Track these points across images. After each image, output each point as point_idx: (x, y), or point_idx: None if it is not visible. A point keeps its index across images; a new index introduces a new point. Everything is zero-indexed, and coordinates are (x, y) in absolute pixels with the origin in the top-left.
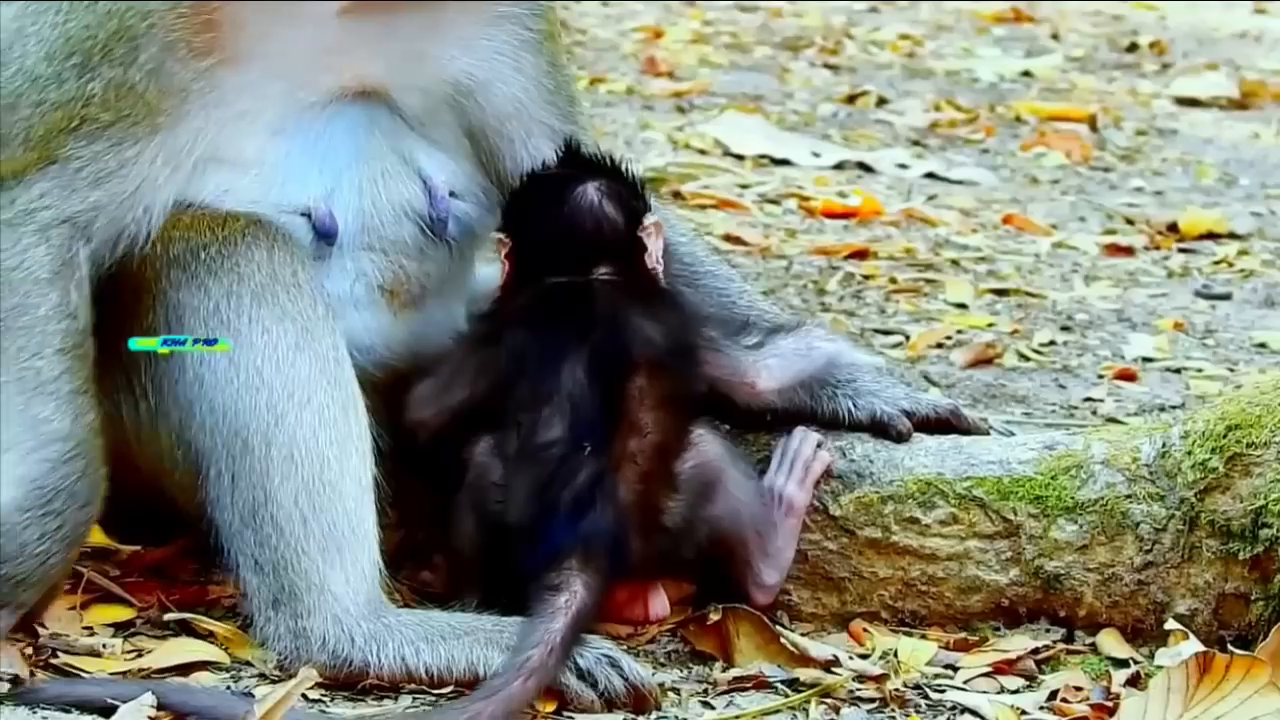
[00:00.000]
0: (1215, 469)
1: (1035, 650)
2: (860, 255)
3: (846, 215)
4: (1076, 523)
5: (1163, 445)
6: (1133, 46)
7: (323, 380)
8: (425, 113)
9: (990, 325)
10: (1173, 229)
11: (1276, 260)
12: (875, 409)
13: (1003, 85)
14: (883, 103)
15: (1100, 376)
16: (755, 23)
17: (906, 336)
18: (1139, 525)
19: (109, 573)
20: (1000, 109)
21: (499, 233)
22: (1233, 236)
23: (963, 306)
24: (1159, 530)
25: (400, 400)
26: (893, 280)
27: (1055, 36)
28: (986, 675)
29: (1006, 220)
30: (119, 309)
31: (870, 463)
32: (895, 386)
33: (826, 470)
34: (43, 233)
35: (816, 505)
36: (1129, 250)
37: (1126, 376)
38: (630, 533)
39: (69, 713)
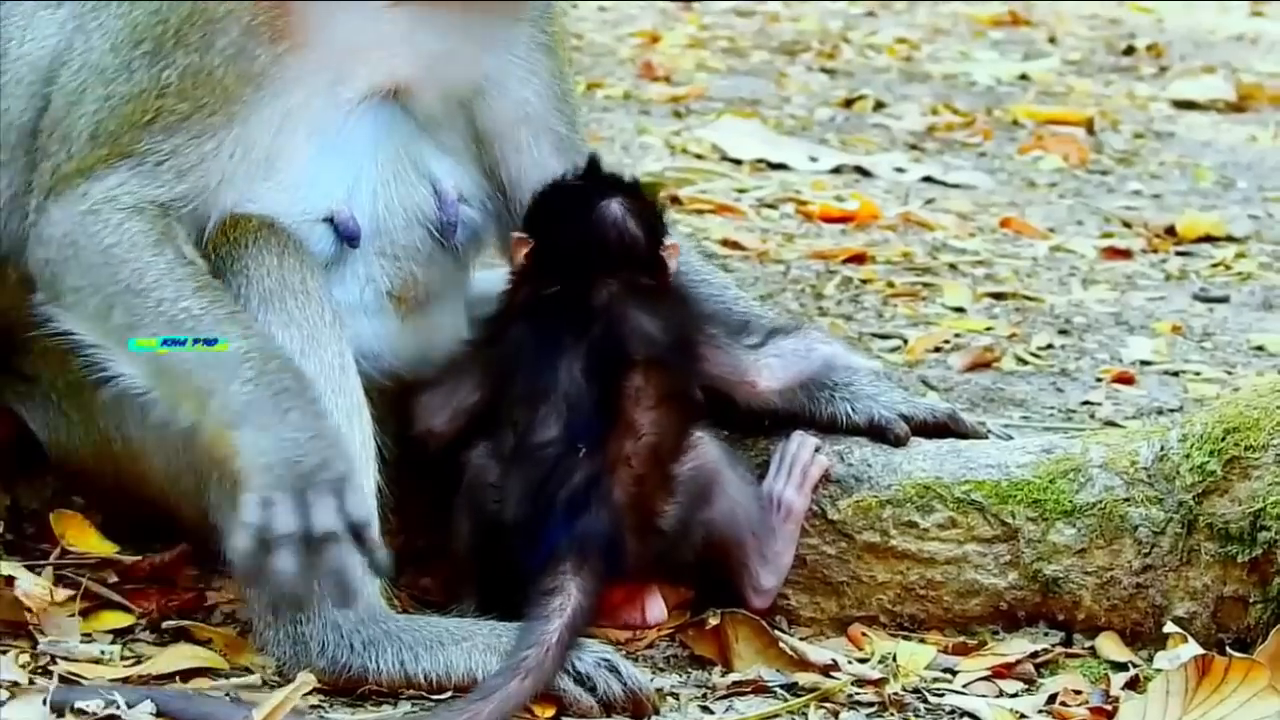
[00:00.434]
0: (1213, 472)
1: (1034, 654)
2: (858, 259)
3: (844, 219)
4: (1075, 526)
5: (1161, 448)
6: (1130, 49)
7: (327, 388)
8: (440, 115)
9: (988, 329)
10: (1170, 232)
11: (1274, 263)
12: (873, 413)
13: (1000, 89)
14: (880, 107)
15: (1098, 380)
16: (752, 27)
17: (904, 340)
18: (1137, 528)
19: (108, 579)
20: (997, 112)
21: (521, 232)
22: (1230, 239)
23: (960, 310)
24: (1157, 533)
25: (406, 408)
26: (890, 284)
27: (1052, 40)
28: (985, 679)
29: (1004, 224)
30: None
31: (868, 467)
32: (893, 390)
33: (825, 474)
34: (133, 210)
35: (815, 509)
36: (1127, 253)
37: (1124, 380)
38: (625, 535)
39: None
